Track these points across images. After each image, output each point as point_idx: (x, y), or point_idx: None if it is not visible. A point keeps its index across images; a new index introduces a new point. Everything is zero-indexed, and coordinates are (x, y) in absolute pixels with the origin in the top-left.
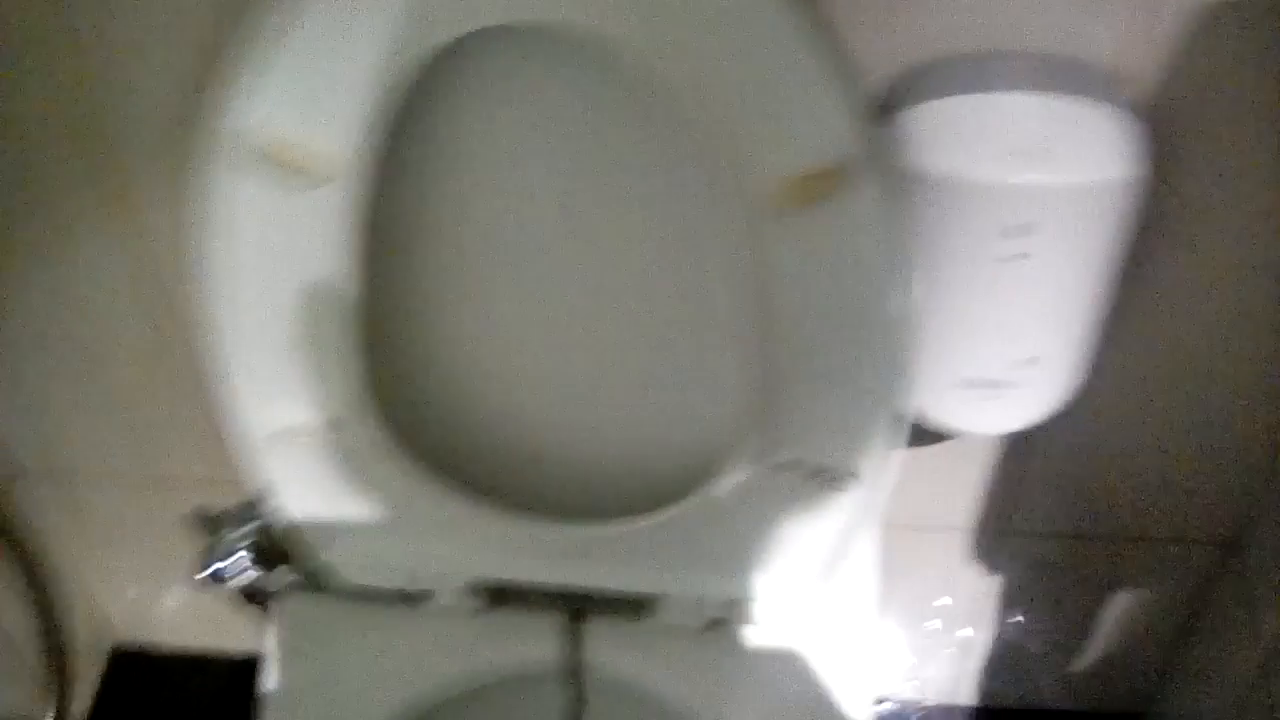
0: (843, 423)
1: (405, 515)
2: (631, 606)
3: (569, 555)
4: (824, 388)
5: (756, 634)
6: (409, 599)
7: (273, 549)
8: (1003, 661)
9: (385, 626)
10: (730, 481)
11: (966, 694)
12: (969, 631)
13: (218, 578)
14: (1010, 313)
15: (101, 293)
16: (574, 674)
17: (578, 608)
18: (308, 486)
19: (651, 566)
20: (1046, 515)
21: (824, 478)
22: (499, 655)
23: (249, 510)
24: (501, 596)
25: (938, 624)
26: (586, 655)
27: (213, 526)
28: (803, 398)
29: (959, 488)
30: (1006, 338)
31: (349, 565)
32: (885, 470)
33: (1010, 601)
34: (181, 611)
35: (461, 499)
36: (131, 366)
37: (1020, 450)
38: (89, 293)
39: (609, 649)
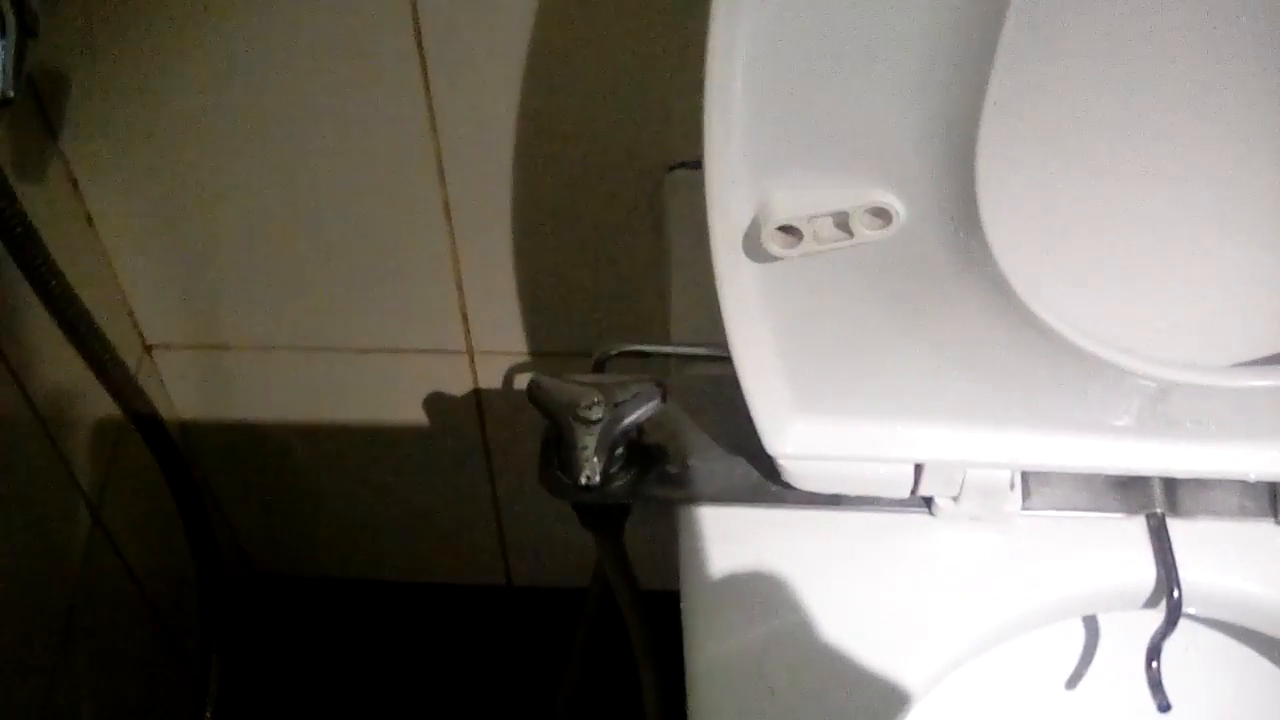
0: None
1: (963, 366)
2: (1247, 499)
3: (1175, 424)
4: None
5: None
6: (870, 504)
7: (645, 444)
8: None
9: (880, 546)
10: None
11: None
12: None
13: (585, 487)
14: None
15: None
16: (1168, 594)
17: (1158, 510)
18: (787, 321)
19: None
20: None
21: None
22: (1059, 574)
23: (633, 388)
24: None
25: None
26: (1179, 570)
27: (569, 412)
28: None
29: None
30: None
31: (809, 464)
32: None
33: None
34: None
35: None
36: None
37: None
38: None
39: (1214, 559)
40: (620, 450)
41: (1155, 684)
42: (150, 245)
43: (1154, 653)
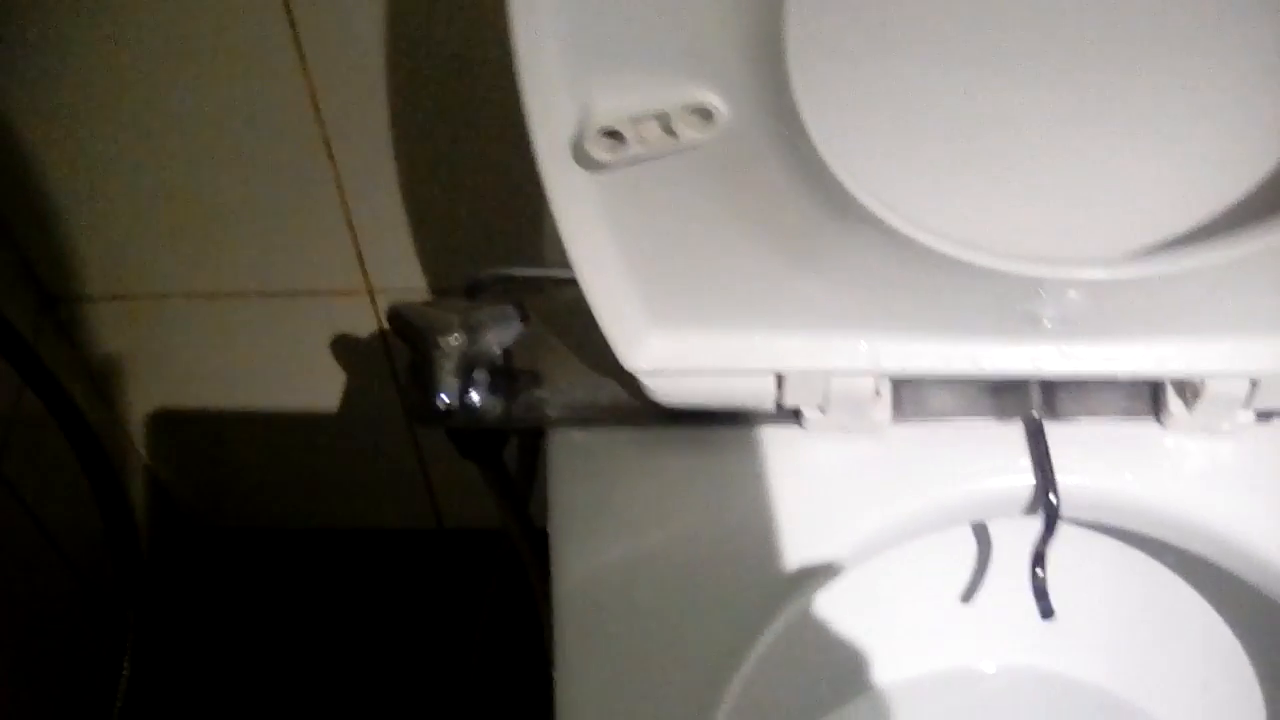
0: None
1: (812, 271)
2: (1128, 399)
3: (1039, 323)
4: None
5: None
6: (740, 420)
7: (511, 369)
8: None
9: (749, 461)
10: None
11: None
12: None
13: (444, 412)
14: None
15: None
16: (1045, 499)
17: (1035, 414)
18: (628, 232)
19: (1176, 334)
20: None
21: None
22: (934, 481)
23: (490, 311)
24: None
25: None
26: (1056, 474)
27: (426, 336)
28: None
29: None
30: None
31: (672, 378)
32: None
33: None
34: None
35: (910, 244)
36: None
37: None
38: None
39: (1095, 462)
40: (481, 374)
41: (1040, 591)
42: (44, 196)
43: (1038, 559)
